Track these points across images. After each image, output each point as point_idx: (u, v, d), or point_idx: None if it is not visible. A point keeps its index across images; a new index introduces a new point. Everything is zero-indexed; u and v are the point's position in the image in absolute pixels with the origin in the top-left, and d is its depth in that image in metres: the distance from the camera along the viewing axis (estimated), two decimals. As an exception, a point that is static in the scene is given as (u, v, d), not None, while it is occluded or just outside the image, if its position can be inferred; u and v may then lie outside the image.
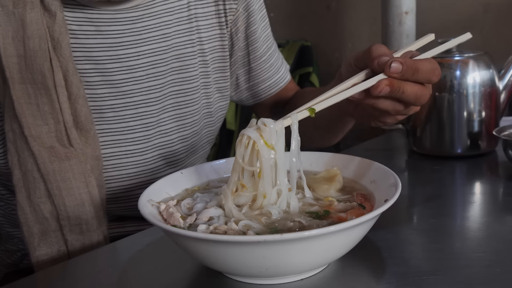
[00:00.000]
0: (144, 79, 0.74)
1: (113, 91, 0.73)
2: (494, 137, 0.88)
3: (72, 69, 0.68)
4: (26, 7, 0.65)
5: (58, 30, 0.67)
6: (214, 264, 0.49)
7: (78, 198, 0.68)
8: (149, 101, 0.75)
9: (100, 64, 0.71)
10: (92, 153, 0.70)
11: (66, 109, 0.67)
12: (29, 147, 0.66)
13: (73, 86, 0.68)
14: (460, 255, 0.55)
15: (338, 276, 0.52)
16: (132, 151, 0.76)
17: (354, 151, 0.97)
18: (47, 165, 0.66)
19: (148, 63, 0.74)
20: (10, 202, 0.80)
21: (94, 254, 0.64)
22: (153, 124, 0.76)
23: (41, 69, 0.66)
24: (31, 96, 0.67)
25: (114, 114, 0.73)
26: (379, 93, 0.56)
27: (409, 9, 1.43)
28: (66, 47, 0.68)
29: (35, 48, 0.66)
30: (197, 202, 0.57)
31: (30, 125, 0.66)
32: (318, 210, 0.54)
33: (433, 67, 0.58)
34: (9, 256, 0.85)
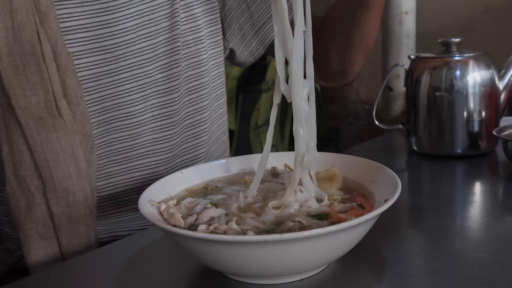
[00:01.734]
0: (135, 41, 0.75)
1: (107, 56, 0.73)
2: (494, 137, 0.88)
3: (60, 41, 0.68)
4: None
5: (45, 3, 0.67)
6: (214, 264, 0.49)
7: (65, 170, 0.68)
8: (143, 62, 0.76)
9: (91, 31, 0.72)
10: (81, 129, 0.70)
11: (56, 80, 0.67)
12: (16, 118, 0.66)
13: (62, 58, 0.68)
14: (460, 255, 0.55)
15: (338, 276, 0.52)
16: (132, 112, 0.76)
17: (354, 151, 0.98)
18: (35, 136, 0.66)
19: (137, 25, 0.75)
20: None
21: (94, 254, 0.64)
22: (149, 84, 0.77)
23: (30, 39, 0.66)
24: (19, 67, 0.66)
25: (111, 79, 0.74)
26: None
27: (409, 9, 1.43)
28: (53, 19, 0.67)
29: (23, 20, 0.65)
30: (198, 201, 0.57)
31: (19, 96, 0.66)
32: (319, 211, 0.54)
33: None
34: (8, 255, 0.85)
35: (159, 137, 0.80)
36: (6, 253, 0.85)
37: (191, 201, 0.58)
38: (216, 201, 0.57)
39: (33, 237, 0.69)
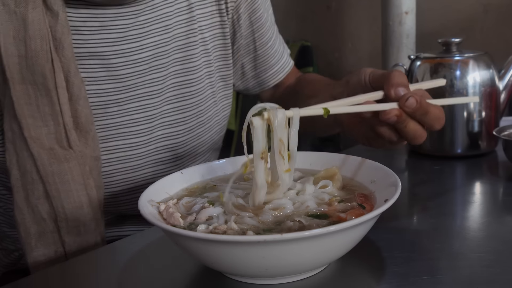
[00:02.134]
0: (147, 72, 0.74)
1: (118, 85, 0.73)
2: (494, 137, 0.88)
3: (74, 70, 0.67)
4: (28, 7, 0.65)
5: (61, 30, 0.66)
6: (214, 264, 0.49)
7: (76, 201, 0.67)
8: (152, 93, 0.75)
9: (105, 59, 0.71)
10: (91, 154, 0.70)
11: (67, 111, 0.67)
12: (28, 148, 0.66)
13: (74, 87, 0.67)
14: (460, 255, 0.55)
15: (338, 276, 0.52)
16: (136, 143, 0.76)
17: (354, 151, 0.97)
18: (46, 167, 0.66)
19: (151, 56, 0.74)
20: (10, 203, 0.80)
21: (94, 254, 0.64)
22: (156, 115, 0.76)
23: (42, 70, 0.65)
24: (31, 97, 0.66)
25: (119, 108, 0.73)
26: (387, 120, 0.58)
27: (409, 9, 1.43)
28: (68, 47, 0.67)
29: (36, 49, 0.65)
30: (196, 201, 0.57)
31: (30, 126, 0.66)
32: (319, 211, 0.54)
33: (441, 115, 0.61)
34: (6, 256, 0.85)
35: (161, 169, 0.79)
36: (4, 253, 0.85)
37: (188, 200, 0.58)
38: (212, 199, 0.57)
39: (42, 258, 0.69)
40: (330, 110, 0.58)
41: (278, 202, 0.55)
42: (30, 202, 0.67)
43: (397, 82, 0.60)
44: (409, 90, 0.60)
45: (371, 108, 0.60)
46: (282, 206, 0.54)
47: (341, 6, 2.03)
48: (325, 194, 0.57)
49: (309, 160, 0.68)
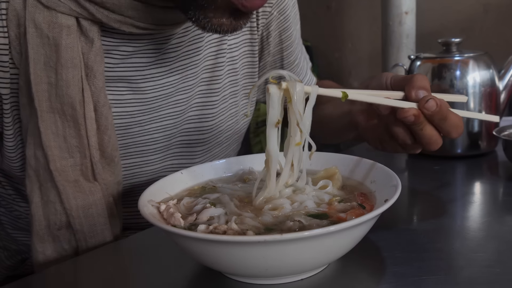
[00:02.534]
0: (173, 94, 0.73)
1: (143, 108, 0.71)
2: (494, 137, 0.88)
3: (103, 100, 0.65)
4: (63, 32, 0.61)
5: (93, 58, 0.63)
6: (214, 264, 0.49)
7: (100, 234, 0.66)
8: (175, 114, 0.74)
9: (133, 83, 0.69)
10: (115, 179, 0.68)
11: (94, 144, 0.65)
12: (53, 179, 0.64)
13: (102, 118, 0.65)
14: (460, 255, 0.55)
15: (338, 276, 0.52)
16: (153, 160, 0.75)
17: (354, 151, 0.97)
18: (71, 200, 0.64)
19: (179, 78, 0.72)
20: (17, 205, 0.80)
21: (94, 254, 0.64)
22: (175, 133, 0.75)
23: (72, 101, 0.62)
24: (59, 127, 0.63)
25: (140, 129, 0.72)
26: (404, 118, 0.58)
27: (409, 9, 1.43)
28: (100, 76, 0.64)
29: (68, 78, 0.62)
30: (197, 201, 0.57)
31: (56, 157, 0.63)
32: (319, 211, 0.54)
33: (459, 124, 0.60)
34: (9, 258, 0.85)
35: None
36: (7, 255, 0.85)
37: (189, 201, 0.58)
38: (213, 200, 0.57)
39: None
40: (349, 95, 0.56)
41: (276, 202, 0.55)
42: (52, 232, 0.65)
43: (419, 85, 0.59)
44: (430, 93, 0.59)
45: (390, 103, 0.59)
46: (281, 206, 0.54)
47: (341, 6, 2.03)
48: (325, 194, 0.57)
49: (309, 160, 0.68)
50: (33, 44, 0.61)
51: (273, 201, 0.55)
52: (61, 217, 0.65)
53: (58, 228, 0.65)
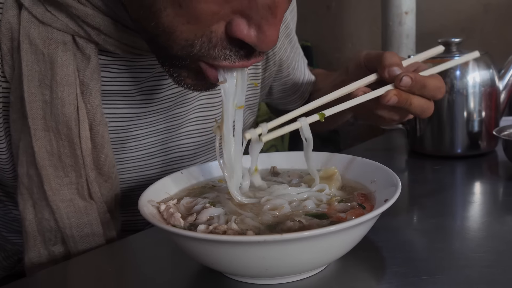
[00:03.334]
0: (171, 108, 0.72)
1: (139, 122, 0.70)
2: (494, 137, 0.88)
3: (99, 118, 0.63)
4: (58, 49, 0.59)
5: (90, 75, 0.61)
6: (214, 264, 0.49)
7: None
8: (172, 127, 0.73)
9: (129, 96, 0.68)
10: (112, 193, 0.67)
11: (89, 163, 0.63)
12: (47, 199, 0.62)
13: (98, 136, 0.63)
14: (460, 255, 0.55)
15: (338, 276, 0.52)
16: (150, 175, 0.74)
17: (354, 151, 0.97)
18: (65, 220, 0.63)
19: (177, 93, 0.71)
20: (10, 205, 0.80)
21: (94, 254, 0.64)
22: (173, 148, 0.74)
23: (67, 121, 0.60)
24: (53, 146, 0.62)
25: (137, 143, 0.71)
26: (387, 103, 0.60)
27: (409, 9, 1.43)
28: (96, 94, 0.62)
29: (63, 97, 0.60)
30: (197, 201, 0.57)
31: (50, 176, 0.62)
32: (318, 211, 0.54)
33: (439, 85, 0.62)
34: (5, 259, 0.85)
35: None
36: (3, 256, 0.85)
37: (189, 200, 0.58)
38: (212, 199, 0.57)
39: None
40: (325, 114, 0.59)
41: (275, 202, 0.55)
42: (47, 247, 0.65)
43: (390, 62, 0.61)
44: (403, 68, 0.60)
45: (368, 97, 0.60)
46: (281, 206, 0.54)
47: (341, 6, 2.03)
48: (323, 195, 0.57)
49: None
50: (27, 60, 0.59)
51: (272, 201, 0.55)
52: (56, 233, 0.64)
53: (53, 244, 0.65)
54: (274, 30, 0.50)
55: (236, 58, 0.52)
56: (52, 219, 0.63)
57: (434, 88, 0.61)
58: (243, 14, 0.49)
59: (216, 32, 0.50)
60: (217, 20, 0.49)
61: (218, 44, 0.51)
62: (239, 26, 0.49)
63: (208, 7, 0.48)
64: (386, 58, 0.61)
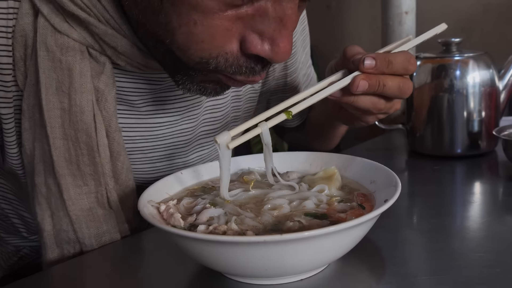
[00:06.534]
0: (179, 122, 0.71)
1: (146, 134, 0.69)
2: (494, 137, 0.88)
3: (114, 125, 0.62)
4: (76, 56, 0.59)
5: (105, 81, 0.61)
6: (214, 265, 0.49)
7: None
8: (179, 143, 0.72)
9: (135, 106, 0.67)
10: (130, 203, 0.66)
11: (108, 172, 0.62)
12: (65, 208, 0.62)
13: (114, 143, 0.63)
14: (460, 255, 0.55)
15: (338, 276, 0.52)
16: None
17: (354, 151, 0.98)
18: (84, 230, 0.63)
19: (185, 106, 0.70)
20: (5, 206, 0.80)
21: (94, 254, 0.64)
22: (179, 164, 0.74)
23: (87, 128, 0.60)
24: (72, 154, 0.61)
25: (143, 156, 0.70)
26: (357, 89, 0.57)
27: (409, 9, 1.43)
28: (111, 100, 0.62)
29: (82, 104, 0.59)
30: (197, 202, 0.57)
31: (70, 185, 0.61)
32: (318, 211, 0.54)
33: (406, 57, 0.58)
34: (6, 261, 0.85)
35: None
36: (4, 258, 0.85)
37: (189, 201, 0.58)
38: (212, 200, 0.57)
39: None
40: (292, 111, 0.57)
41: (275, 202, 0.55)
42: (64, 255, 0.64)
43: (352, 53, 0.59)
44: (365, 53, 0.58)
45: (335, 88, 0.58)
46: (280, 206, 0.54)
47: (341, 6, 2.03)
48: (323, 196, 0.57)
49: (309, 160, 0.68)
50: (44, 68, 0.58)
51: (272, 201, 0.55)
52: (76, 245, 0.64)
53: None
54: (287, 41, 0.50)
55: (251, 72, 0.53)
56: (71, 229, 0.63)
57: (403, 61, 0.58)
58: (255, 30, 0.50)
59: (231, 52, 0.51)
60: (230, 38, 0.50)
61: (234, 62, 0.52)
62: (253, 42, 0.50)
63: (221, 23, 0.49)
64: (348, 51, 0.60)
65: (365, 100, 0.60)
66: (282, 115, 0.57)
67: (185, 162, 0.75)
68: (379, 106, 0.61)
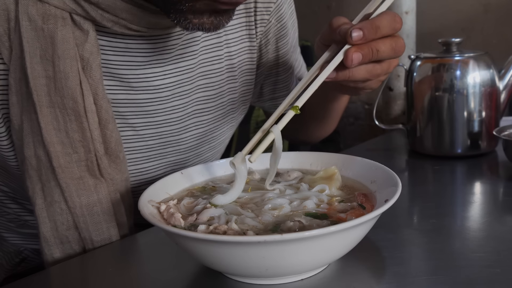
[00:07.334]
0: (169, 99, 0.71)
1: (136, 110, 0.69)
2: (494, 137, 0.88)
3: (101, 92, 0.63)
4: (58, 24, 0.59)
5: (89, 50, 0.61)
6: (214, 264, 0.49)
7: (105, 232, 0.65)
8: (170, 121, 0.72)
9: (125, 82, 0.67)
10: (121, 177, 0.66)
11: (97, 137, 0.63)
12: (56, 177, 0.62)
13: (102, 110, 0.63)
14: (460, 255, 0.55)
15: (338, 276, 0.52)
16: (147, 168, 0.74)
17: (354, 151, 0.97)
18: (74, 198, 0.63)
19: (174, 82, 0.70)
20: (5, 207, 0.80)
21: (94, 254, 0.64)
22: (172, 142, 0.74)
23: (72, 93, 0.60)
24: (59, 121, 0.61)
25: (135, 133, 0.70)
26: (353, 62, 0.56)
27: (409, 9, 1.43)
28: (96, 68, 0.62)
29: (66, 70, 0.60)
30: (197, 202, 0.57)
31: (59, 153, 0.61)
32: (318, 211, 0.54)
33: (391, 17, 0.57)
34: (8, 262, 0.85)
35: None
36: (7, 259, 0.85)
37: (190, 201, 0.58)
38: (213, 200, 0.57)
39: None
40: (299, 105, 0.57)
41: (275, 201, 0.55)
42: (60, 233, 0.64)
43: (337, 24, 0.58)
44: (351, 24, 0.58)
45: (330, 69, 0.57)
46: (281, 206, 0.54)
47: (341, 6, 2.02)
48: (324, 196, 0.57)
49: (309, 160, 0.68)
50: (27, 37, 0.59)
51: (272, 201, 0.55)
52: (67, 216, 0.63)
53: (67, 229, 0.64)
54: None
55: None
56: (62, 200, 0.63)
57: (389, 22, 0.57)
58: None
59: None
60: None
61: None
62: None
63: None
64: (333, 22, 0.59)
65: (361, 71, 0.59)
66: (290, 112, 0.57)
67: (178, 141, 0.75)
68: (376, 71, 0.60)
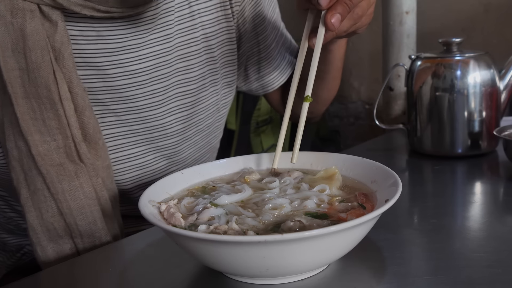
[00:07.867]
0: (147, 83, 0.72)
1: (115, 96, 0.70)
2: (495, 137, 0.88)
3: (75, 80, 0.64)
4: (26, 17, 0.61)
5: (60, 40, 0.63)
6: (214, 264, 0.49)
7: (90, 216, 0.66)
8: (152, 105, 0.73)
9: (101, 69, 0.68)
10: (102, 164, 0.67)
11: (74, 123, 0.64)
12: (36, 165, 0.63)
13: (78, 98, 0.65)
14: (461, 255, 0.55)
15: (338, 276, 0.52)
16: (135, 154, 0.74)
17: (354, 151, 0.97)
18: (56, 184, 0.64)
19: (151, 66, 0.71)
20: (2, 210, 0.80)
21: (94, 254, 0.64)
22: (157, 127, 0.74)
23: (46, 82, 0.62)
24: (36, 111, 0.63)
25: (117, 119, 0.71)
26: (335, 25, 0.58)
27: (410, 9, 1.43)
28: (68, 57, 0.64)
29: (37, 60, 0.62)
30: (198, 202, 0.57)
31: (37, 142, 0.63)
32: (318, 211, 0.54)
33: None
34: (9, 258, 0.85)
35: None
36: (7, 256, 0.85)
37: (190, 201, 0.58)
38: (213, 200, 0.57)
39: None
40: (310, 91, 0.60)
41: (276, 201, 0.55)
42: (45, 220, 0.65)
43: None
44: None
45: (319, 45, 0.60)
46: (281, 205, 0.54)
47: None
48: (324, 196, 0.57)
49: (310, 160, 0.68)
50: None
51: (273, 201, 0.55)
52: (51, 203, 0.64)
53: (52, 215, 0.65)
54: None
55: None
56: (44, 187, 0.64)
57: None
58: None
59: None
60: None
61: None
62: None
63: None
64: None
65: (344, 25, 0.60)
66: (305, 105, 0.60)
67: (163, 125, 0.75)
68: (358, 14, 0.61)
